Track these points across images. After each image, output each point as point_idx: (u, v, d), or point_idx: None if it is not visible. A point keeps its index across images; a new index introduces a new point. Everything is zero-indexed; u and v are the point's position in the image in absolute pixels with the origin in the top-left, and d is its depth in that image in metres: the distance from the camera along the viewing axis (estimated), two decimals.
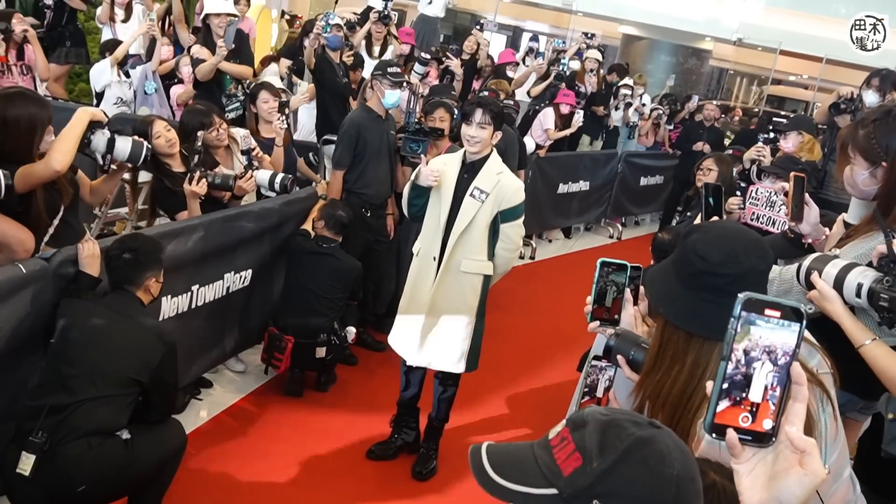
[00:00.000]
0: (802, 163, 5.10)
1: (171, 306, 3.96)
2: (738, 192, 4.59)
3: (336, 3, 9.16)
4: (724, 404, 1.05)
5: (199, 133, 4.26)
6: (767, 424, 1.04)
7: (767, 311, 1.03)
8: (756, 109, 17.79)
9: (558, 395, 5.26)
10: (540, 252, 8.94)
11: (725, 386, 1.04)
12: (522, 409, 5.13)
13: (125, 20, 7.76)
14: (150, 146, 3.59)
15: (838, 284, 2.23)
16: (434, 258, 3.93)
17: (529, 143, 8.22)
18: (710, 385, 1.06)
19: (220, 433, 4.30)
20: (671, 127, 11.17)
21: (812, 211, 2.69)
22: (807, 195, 2.66)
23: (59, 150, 3.13)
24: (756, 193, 4.41)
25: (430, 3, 10.72)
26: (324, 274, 4.71)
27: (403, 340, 4.10)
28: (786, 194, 2.78)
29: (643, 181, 10.85)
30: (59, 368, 2.94)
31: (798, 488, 1.01)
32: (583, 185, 9.55)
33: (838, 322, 2.23)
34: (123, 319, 3.07)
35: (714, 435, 1.06)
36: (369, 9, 9.60)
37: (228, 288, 4.45)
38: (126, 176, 4.11)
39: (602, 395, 1.93)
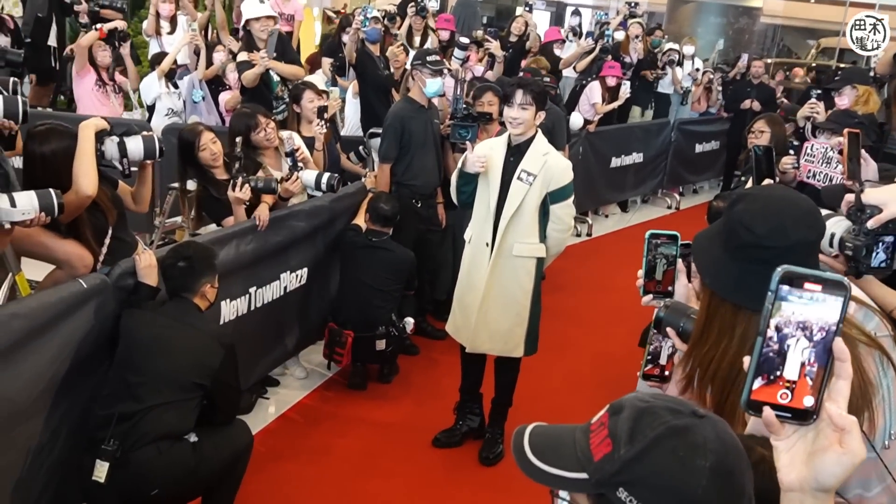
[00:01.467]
0: (859, 116, 4.92)
1: (230, 309, 4.05)
2: (792, 152, 4.47)
3: None
4: (759, 382, 1.02)
5: (238, 139, 4.30)
6: (808, 401, 1.00)
7: (808, 285, 0.99)
8: (814, 64, 17.27)
9: (622, 372, 5.20)
10: (597, 228, 8.86)
11: (766, 357, 1.01)
12: (587, 389, 5.10)
13: (171, 32, 7.90)
14: (160, 138, 3.59)
15: None
16: (487, 244, 3.93)
17: (577, 118, 8.14)
18: (746, 360, 1.04)
19: (287, 430, 4.39)
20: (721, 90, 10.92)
21: (869, 167, 2.59)
22: (863, 151, 2.56)
23: (82, 175, 3.17)
24: (811, 150, 4.28)
25: None
26: (377, 267, 4.75)
27: (461, 327, 4.12)
28: (840, 152, 2.69)
29: (698, 148, 10.65)
30: (125, 377, 3.03)
31: (836, 467, 0.98)
32: (636, 157, 9.42)
33: (862, 288, 2.14)
34: (183, 326, 3.15)
35: (751, 411, 1.03)
36: (406, 0, 9.63)
37: (286, 287, 4.53)
38: (175, 185, 4.19)
39: (666, 363, 1.89)
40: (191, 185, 4.59)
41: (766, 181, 3.22)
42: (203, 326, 3.23)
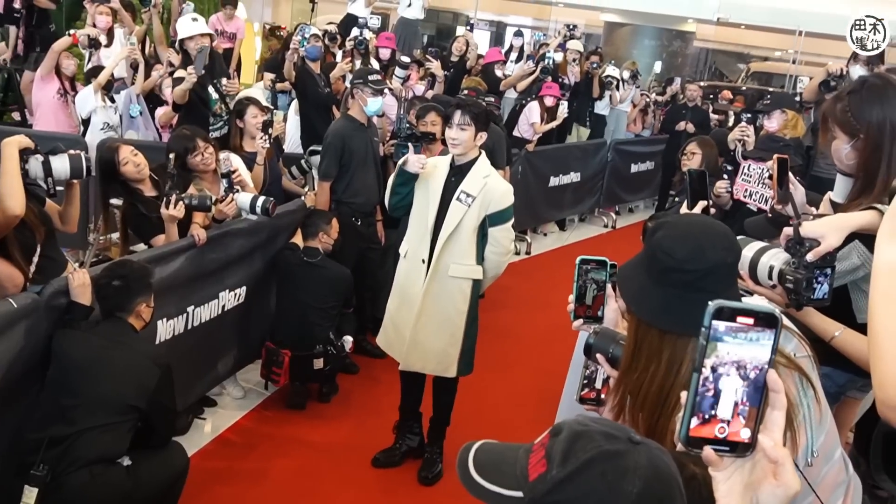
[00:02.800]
0: (785, 140, 5.11)
1: (166, 329, 3.98)
2: (725, 176, 4.59)
3: (313, 10, 9.15)
4: (695, 421, 1.03)
5: (171, 155, 4.24)
6: (745, 434, 1.02)
7: (740, 319, 1.00)
8: (744, 88, 17.80)
9: (561, 389, 5.26)
10: (535, 246, 8.96)
11: (701, 395, 1.01)
12: (527, 406, 5.14)
13: (108, 45, 7.77)
14: (88, 156, 3.51)
15: (752, 268, 2.16)
16: (423, 260, 3.93)
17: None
18: (683, 395, 1.04)
19: (225, 451, 4.32)
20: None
21: (798, 191, 2.68)
22: (791, 175, 2.65)
23: (7, 194, 3.07)
24: (748, 170, 4.40)
25: (410, 5, 10.73)
26: (315, 285, 4.73)
27: (393, 342, 4.12)
28: (770, 177, 2.77)
29: (634, 168, 10.88)
30: (57, 400, 2.97)
31: (771, 499, 1.00)
32: (574, 177, 9.57)
33: (801, 319, 2.16)
34: (117, 346, 3.10)
35: (691, 448, 1.03)
36: (350, 17, 9.64)
37: (224, 306, 4.47)
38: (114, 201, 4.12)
39: (602, 387, 1.93)
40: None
41: (701, 203, 3.31)
42: (138, 347, 3.18)
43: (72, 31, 6.81)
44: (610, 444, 1.09)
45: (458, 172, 3.91)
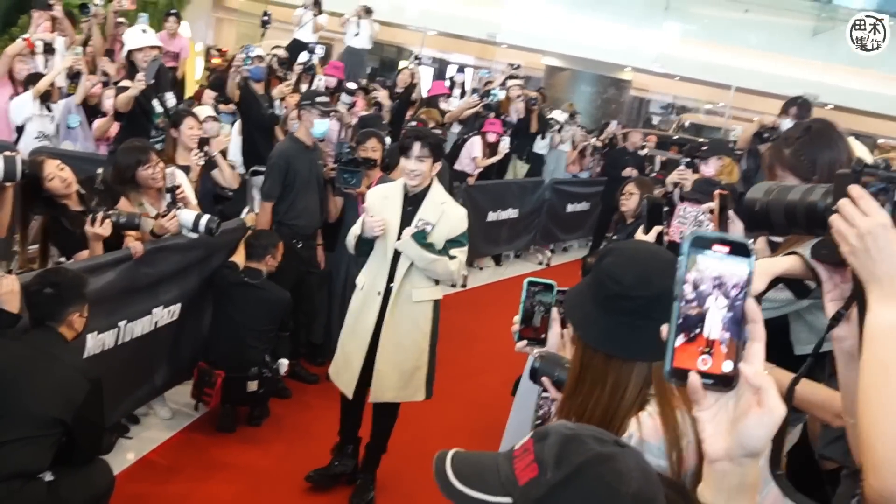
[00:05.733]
0: (722, 185, 5.25)
1: (97, 343, 3.84)
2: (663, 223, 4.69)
3: (263, 36, 9.13)
4: (679, 340, 1.00)
5: (99, 171, 4.11)
6: (727, 367, 0.99)
7: (715, 247, 0.99)
8: (675, 137, 18.31)
9: (494, 422, 5.24)
10: (471, 280, 8.97)
11: (683, 321, 1.00)
12: (459, 437, 5.11)
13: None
14: (23, 158, 3.37)
15: None
16: (379, 293, 3.92)
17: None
18: (664, 329, 1.03)
19: (149, 473, 4.17)
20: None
21: (737, 227, 2.75)
22: (731, 212, 2.72)
23: None
24: (684, 212, 4.50)
25: (357, 34, 10.80)
26: (252, 306, 4.64)
27: (344, 374, 4.06)
28: (711, 212, 2.84)
29: (570, 208, 11.04)
30: None
31: (759, 429, 0.98)
32: (512, 213, 9.65)
33: None
34: (45, 357, 2.97)
35: (675, 380, 1.01)
36: (296, 42, 9.64)
37: (157, 323, 4.35)
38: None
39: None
40: None
41: (656, 229, 3.37)
42: (68, 358, 3.06)
43: (26, 36, 6.63)
44: (602, 448, 1.08)
45: (413, 202, 3.91)
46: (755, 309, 1.00)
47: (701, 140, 15.65)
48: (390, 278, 3.91)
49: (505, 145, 8.93)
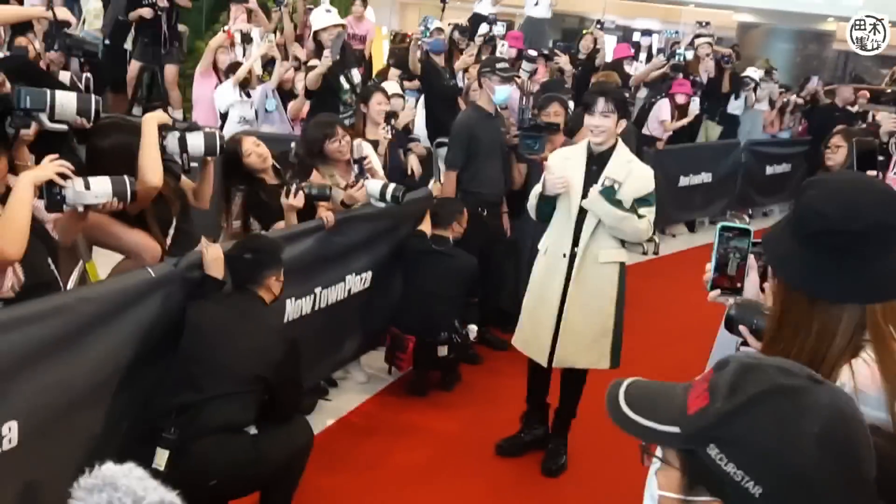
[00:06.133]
0: None
1: (295, 308, 4.03)
2: (876, 170, 4.30)
3: (443, 10, 9.20)
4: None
5: (293, 144, 4.28)
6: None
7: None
8: (889, 90, 16.82)
9: None
10: (663, 248, 8.65)
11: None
12: None
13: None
14: (223, 135, 3.55)
15: None
16: (564, 255, 3.84)
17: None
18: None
19: (346, 434, 4.33)
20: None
21: None
22: None
23: (146, 166, 3.15)
24: None
25: (536, 4, 10.64)
26: (440, 273, 4.70)
27: (530, 340, 4.02)
28: None
29: (769, 170, 10.39)
30: (188, 368, 3.03)
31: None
32: (705, 177, 9.24)
33: None
34: (247, 318, 3.14)
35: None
36: (476, 16, 9.65)
37: (350, 290, 4.50)
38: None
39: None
40: None
41: (870, 173, 3.09)
42: (267, 319, 3.22)
43: (226, 28, 7.08)
44: (786, 380, 0.97)
45: (598, 161, 3.82)
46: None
47: None
48: (575, 241, 3.81)
49: (695, 107, 8.55)
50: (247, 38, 7.39)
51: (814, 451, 0.92)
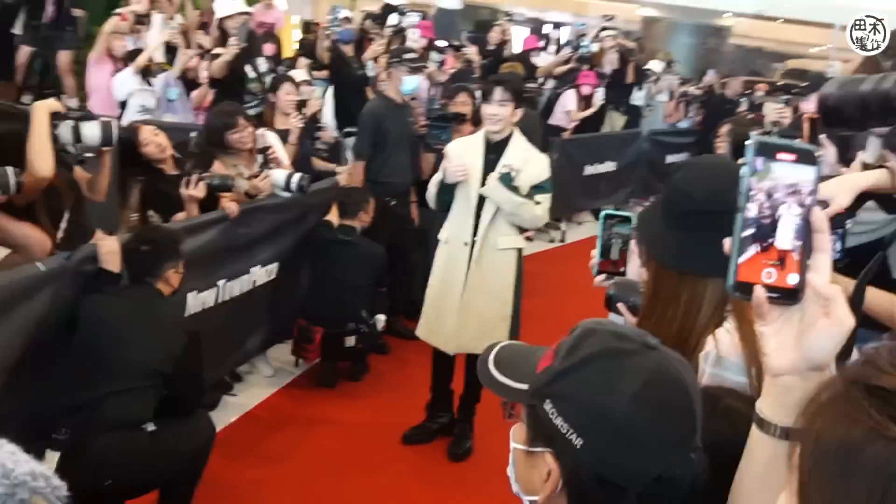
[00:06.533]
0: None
1: (197, 301, 3.94)
2: None
3: (356, 2, 9.15)
4: (750, 252, 0.94)
5: (192, 134, 4.19)
6: (793, 279, 0.93)
7: (780, 154, 0.94)
8: (780, 83, 17.53)
9: None
10: (570, 235, 8.85)
11: (749, 233, 0.94)
12: None
13: (146, 30, 7.78)
14: (119, 124, 3.44)
15: None
16: (466, 243, 3.89)
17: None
18: (727, 242, 0.97)
19: (253, 428, 4.27)
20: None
21: (829, 151, 2.60)
22: (822, 137, 2.56)
23: (37, 156, 3.03)
24: None
25: None
26: (348, 262, 4.68)
27: (436, 330, 4.06)
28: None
29: (669, 158, 10.66)
30: (82, 364, 2.94)
31: (827, 341, 0.92)
32: (609, 166, 9.44)
33: None
34: (144, 311, 3.06)
35: (739, 294, 0.96)
36: (387, 6, 9.61)
37: (255, 281, 4.43)
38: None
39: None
40: None
41: None
42: (166, 312, 3.14)
43: (118, 10, 6.82)
44: (619, 343, 1.06)
45: (495, 149, 3.86)
46: (822, 218, 0.94)
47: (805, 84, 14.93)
48: (475, 229, 3.87)
49: (599, 97, 8.73)
50: (140, 21, 7.13)
51: (627, 409, 1.00)
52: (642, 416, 1.00)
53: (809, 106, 5.58)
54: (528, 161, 3.84)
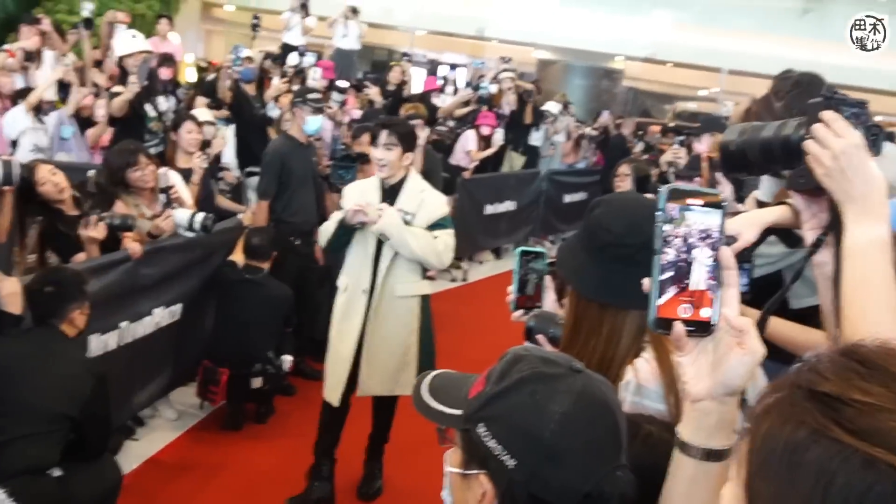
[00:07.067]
0: (714, 160, 5.27)
1: (99, 344, 3.86)
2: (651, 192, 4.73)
3: (254, 40, 9.16)
4: (669, 293, 1.05)
5: (89, 173, 4.13)
6: (706, 313, 1.05)
7: (689, 200, 1.05)
8: (672, 124, 18.34)
9: None
10: (472, 274, 8.99)
11: (667, 276, 1.05)
12: None
13: (37, 67, 7.58)
14: (20, 163, 3.40)
15: None
16: (364, 290, 3.81)
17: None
18: (646, 282, 1.07)
19: (157, 473, 4.19)
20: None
21: (725, 189, 2.77)
22: (718, 174, 2.74)
23: None
24: None
25: (345, 35, 10.82)
26: (254, 303, 4.66)
27: (332, 381, 3.94)
28: (700, 175, 2.83)
29: (567, 198, 11.03)
30: None
31: (740, 368, 1.02)
32: (509, 205, 9.65)
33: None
34: (49, 353, 3.00)
35: (660, 330, 1.06)
36: (286, 46, 9.66)
37: (158, 323, 4.37)
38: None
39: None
40: None
41: None
42: (72, 354, 3.09)
43: (6, 47, 6.63)
44: (546, 368, 1.13)
45: (390, 193, 3.80)
46: (729, 255, 1.05)
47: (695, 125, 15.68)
48: (374, 275, 3.79)
49: (499, 137, 8.95)
50: (30, 57, 6.96)
51: (556, 428, 1.07)
52: (571, 436, 1.07)
53: (702, 146, 5.88)
54: (424, 202, 3.79)
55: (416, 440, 4.66)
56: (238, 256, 4.86)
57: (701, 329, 1.05)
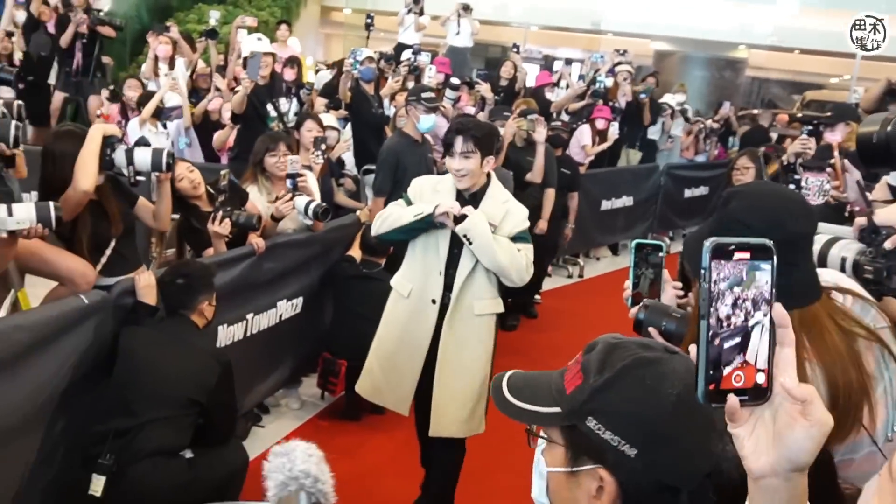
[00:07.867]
0: (843, 151, 5.04)
1: (227, 334, 4.06)
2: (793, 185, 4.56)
3: (367, 39, 9.35)
4: (719, 360, 0.93)
5: (223, 172, 4.33)
6: (760, 378, 0.93)
7: (737, 255, 0.94)
8: (800, 115, 17.60)
9: None
10: (588, 270, 8.91)
11: (717, 341, 0.92)
12: None
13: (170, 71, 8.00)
14: (171, 152, 3.61)
15: (822, 260, 2.07)
16: (434, 301, 3.43)
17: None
18: (693, 349, 0.96)
19: None
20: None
21: (853, 175, 2.65)
22: (846, 161, 2.62)
23: (81, 171, 3.24)
24: (807, 183, 4.33)
25: (458, 33, 10.89)
26: (370, 297, 4.74)
27: (385, 390, 3.63)
28: (832, 166, 2.69)
29: (687, 193, 10.75)
30: (122, 393, 3.05)
31: (807, 442, 0.91)
32: (626, 201, 9.50)
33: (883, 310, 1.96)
34: (179, 343, 3.18)
35: (712, 403, 0.94)
36: (400, 45, 9.82)
37: (281, 315, 4.55)
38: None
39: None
40: None
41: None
42: (200, 343, 3.26)
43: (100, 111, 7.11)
44: (646, 353, 1.12)
45: (470, 201, 3.35)
46: (783, 314, 0.94)
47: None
48: (447, 286, 3.40)
49: (614, 131, 8.82)
50: (172, 64, 7.37)
51: (674, 410, 1.06)
52: (686, 417, 1.06)
53: (836, 136, 5.60)
54: (509, 213, 3.39)
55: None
56: (356, 252, 5.00)
57: (755, 396, 0.94)
